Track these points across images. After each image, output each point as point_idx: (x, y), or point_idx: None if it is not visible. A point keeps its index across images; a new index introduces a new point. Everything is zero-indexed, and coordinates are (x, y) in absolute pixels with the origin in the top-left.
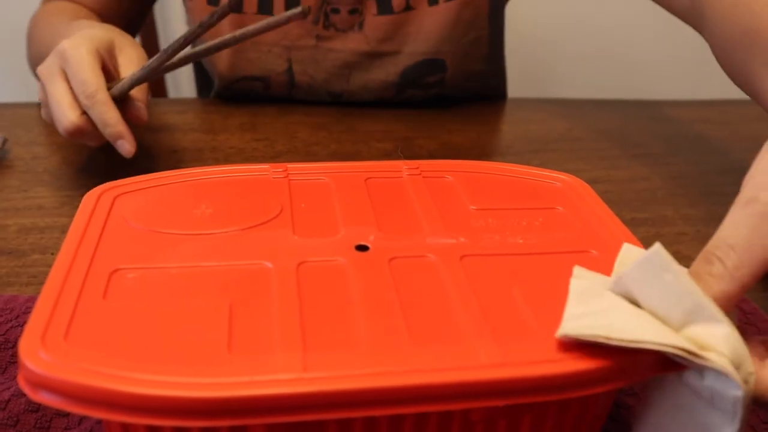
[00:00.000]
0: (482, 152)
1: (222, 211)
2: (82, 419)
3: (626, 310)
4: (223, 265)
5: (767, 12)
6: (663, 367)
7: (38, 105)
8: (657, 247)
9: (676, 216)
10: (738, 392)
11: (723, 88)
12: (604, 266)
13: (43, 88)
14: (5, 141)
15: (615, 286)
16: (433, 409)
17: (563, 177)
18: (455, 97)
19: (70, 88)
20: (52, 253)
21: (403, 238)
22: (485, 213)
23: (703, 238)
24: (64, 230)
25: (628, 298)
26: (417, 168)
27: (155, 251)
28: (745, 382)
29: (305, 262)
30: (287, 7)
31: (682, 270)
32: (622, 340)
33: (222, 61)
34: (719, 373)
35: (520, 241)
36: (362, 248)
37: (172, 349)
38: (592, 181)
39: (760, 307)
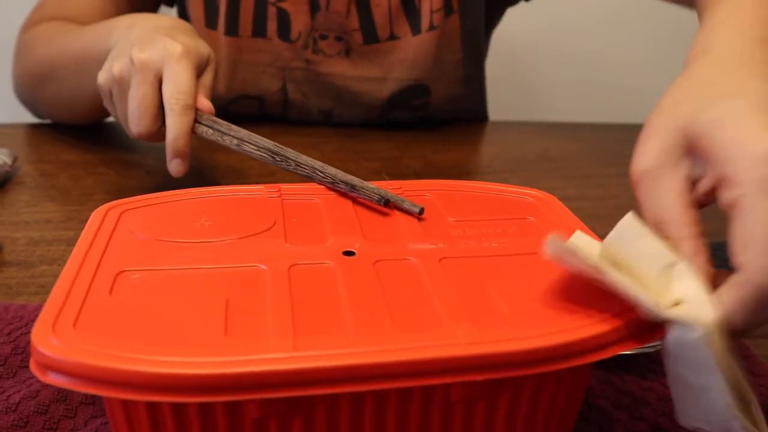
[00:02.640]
0: (464, 171)
1: (220, 223)
2: (87, 421)
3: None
4: (221, 268)
5: None
6: (625, 345)
7: (45, 125)
8: (630, 216)
9: None
10: (696, 333)
11: None
12: None
13: (131, 71)
14: (15, 159)
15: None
16: (415, 384)
17: (534, 192)
18: (440, 119)
19: (158, 95)
20: (59, 265)
21: (386, 245)
22: (463, 224)
23: None
24: (70, 243)
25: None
26: (400, 188)
27: (158, 256)
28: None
29: (296, 264)
30: (279, 31)
31: (653, 235)
32: (597, 267)
33: (219, 82)
34: (680, 324)
35: (495, 245)
36: (349, 253)
37: (172, 335)
38: (566, 199)
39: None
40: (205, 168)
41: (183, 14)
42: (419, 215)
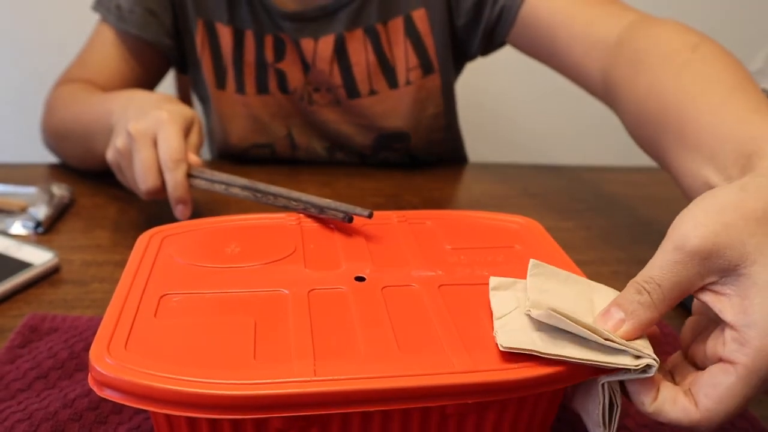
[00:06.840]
0: (455, 205)
1: (248, 249)
2: (132, 416)
3: (541, 328)
4: (249, 292)
5: (675, 99)
6: (590, 374)
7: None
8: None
9: (611, 258)
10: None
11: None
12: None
13: (131, 142)
14: (72, 192)
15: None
16: (417, 405)
17: (519, 220)
18: (428, 160)
19: (157, 156)
20: (108, 283)
21: (392, 271)
22: (458, 251)
23: (632, 276)
24: (117, 264)
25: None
26: (404, 216)
27: (195, 280)
28: (648, 366)
29: (315, 289)
30: (279, 87)
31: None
32: (549, 354)
33: (234, 133)
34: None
35: (486, 273)
36: (360, 279)
37: (209, 357)
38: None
39: (674, 330)
40: (232, 202)
41: (197, 78)
42: (369, 217)
